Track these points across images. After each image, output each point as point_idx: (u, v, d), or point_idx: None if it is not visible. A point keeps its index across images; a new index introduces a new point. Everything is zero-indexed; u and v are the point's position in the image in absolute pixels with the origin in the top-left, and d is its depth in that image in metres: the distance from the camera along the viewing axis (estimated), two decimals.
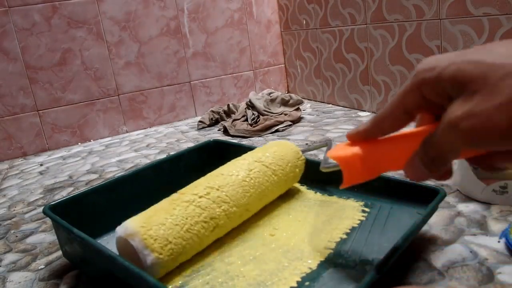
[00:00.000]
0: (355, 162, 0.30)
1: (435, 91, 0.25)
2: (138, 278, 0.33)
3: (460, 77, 0.23)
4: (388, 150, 0.30)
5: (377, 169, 0.31)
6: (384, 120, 0.28)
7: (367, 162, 0.30)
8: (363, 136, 0.30)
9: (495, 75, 0.21)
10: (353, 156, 0.30)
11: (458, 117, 0.22)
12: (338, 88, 1.12)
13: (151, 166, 0.58)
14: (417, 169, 0.27)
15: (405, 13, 0.84)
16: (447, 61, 0.24)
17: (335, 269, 0.38)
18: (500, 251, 0.40)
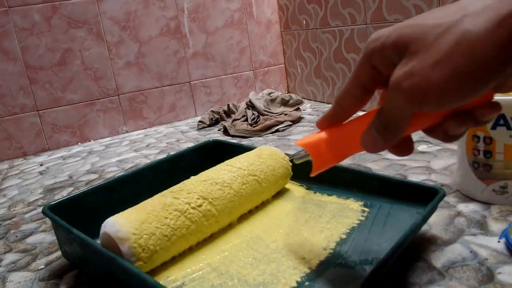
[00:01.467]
0: (321, 147, 0.31)
1: (382, 61, 0.25)
2: (137, 278, 0.33)
3: (400, 42, 0.24)
4: (351, 131, 0.30)
5: (343, 152, 0.31)
6: (344, 100, 0.29)
7: (332, 146, 0.30)
8: (329, 120, 0.31)
9: (430, 35, 0.22)
10: (318, 140, 0.31)
11: (399, 77, 0.23)
12: (338, 88, 1.12)
13: (151, 166, 0.58)
14: (372, 139, 0.27)
15: (405, 13, 0.84)
16: (390, 30, 0.25)
17: (334, 269, 0.38)
18: (500, 251, 0.40)
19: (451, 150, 0.66)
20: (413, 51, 0.23)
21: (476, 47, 0.20)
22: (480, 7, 0.21)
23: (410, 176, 0.60)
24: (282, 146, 0.83)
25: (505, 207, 0.47)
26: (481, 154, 0.48)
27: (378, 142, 0.27)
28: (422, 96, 0.23)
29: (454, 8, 0.22)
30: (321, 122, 0.31)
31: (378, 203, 0.48)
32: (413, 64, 0.23)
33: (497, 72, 0.21)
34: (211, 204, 0.44)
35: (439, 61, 0.21)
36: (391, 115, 0.25)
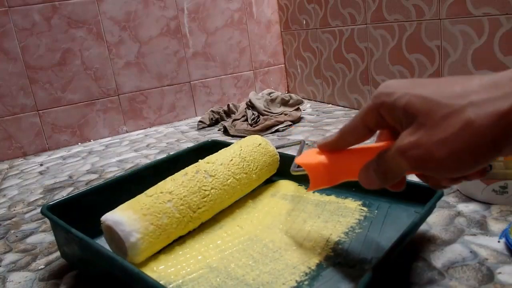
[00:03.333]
0: (319, 169, 0.34)
1: (391, 115, 0.28)
2: (137, 278, 0.33)
3: (410, 109, 0.26)
4: (349, 161, 0.33)
5: (338, 177, 0.34)
6: (348, 134, 0.32)
7: (330, 170, 0.34)
8: (330, 147, 0.34)
9: (438, 113, 0.25)
10: (318, 164, 0.34)
11: (405, 145, 0.26)
12: (338, 88, 1.12)
13: (150, 166, 0.58)
14: (370, 177, 0.30)
15: (405, 13, 0.84)
16: (403, 91, 0.27)
17: (334, 268, 0.38)
18: (500, 251, 0.40)
19: None
20: (420, 123, 0.25)
21: (476, 136, 0.23)
22: (483, 99, 0.23)
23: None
24: None
25: (505, 207, 0.47)
26: None
27: (375, 182, 0.30)
28: (423, 165, 0.26)
29: (460, 89, 0.25)
30: (322, 146, 0.34)
31: (376, 203, 0.48)
32: (419, 136, 0.25)
33: (491, 158, 0.24)
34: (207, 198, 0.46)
35: (443, 140, 0.24)
36: (391, 169, 0.28)
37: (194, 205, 0.45)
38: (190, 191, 0.45)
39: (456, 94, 0.25)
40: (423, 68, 0.83)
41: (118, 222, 0.40)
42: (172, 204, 0.43)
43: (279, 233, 0.45)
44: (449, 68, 0.77)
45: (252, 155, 0.53)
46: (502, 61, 0.67)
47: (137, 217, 0.40)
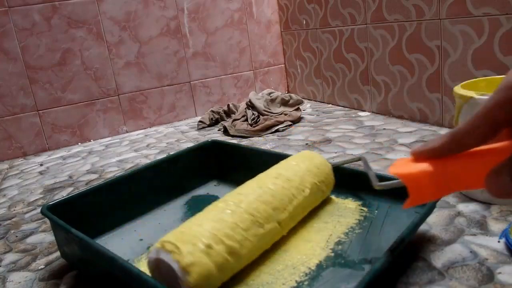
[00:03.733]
0: (423, 180, 0.27)
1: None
2: (137, 279, 0.33)
3: None
4: (464, 168, 0.27)
5: (448, 188, 0.28)
6: (468, 135, 0.26)
7: (437, 180, 0.27)
8: (436, 153, 0.27)
9: None
10: (421, 173, 0.27)
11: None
12: (338, 88, 1.12)
13: (150, 166, 0.58)
14: (503, 184, 0.24)
15: (405, 13, 0.84)
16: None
17: (334, 268, 0.38)
18: (500, 251, 0.40)
19: None
20: None
21: None
22: None
23: None
24: (282, 146, 0.83)
25: (505, 207, 0.47)
26: None
27: (510, 188, 0.24)
28: None
29: None
30: (421, 153, 0.28)
31: (376, 203, 0.48)
32: None
33: None
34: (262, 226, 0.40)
35: None
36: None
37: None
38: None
39: None
40: (423, 68, 0.83)
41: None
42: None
43: None
44: (449, 68, 0.77)
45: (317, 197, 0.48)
46: (502, 61, 0.67)
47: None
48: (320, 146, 0.80)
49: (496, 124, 0.25)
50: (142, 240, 0.49)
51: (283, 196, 0.42)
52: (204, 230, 0.35)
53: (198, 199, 0.58)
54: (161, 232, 0.50)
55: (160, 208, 0.56)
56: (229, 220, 0.37)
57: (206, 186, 0.62)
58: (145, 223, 0.53)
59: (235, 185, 0.60)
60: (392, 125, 0.87)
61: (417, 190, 0.28)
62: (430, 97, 0.83)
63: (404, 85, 0.89)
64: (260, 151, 0.62)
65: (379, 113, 0.98)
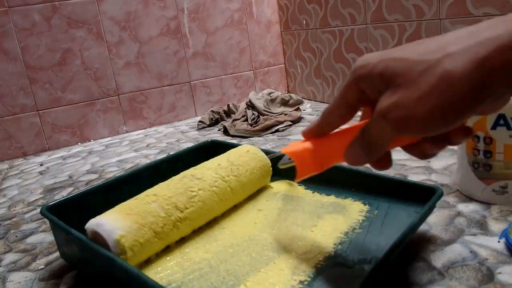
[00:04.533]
0: (305, 156, 0.33)
1: (369, 86, 0.28)
2: (137, 279, 0.33)
3: (386, 74, 0.26)
4: (335, 143, 0.32)
5: (326, 162, 0.33)
6: (330, 116, 0.31)
7: (317, 156, 0.33)
8: (315, 132, 0.33)
9: (414, 71, 0.24)
10: (304, 150, 0.33)
11: (385, 108, 0.26)
12: (338, 88, 1.12)
13: (149, 167, 0.58)
14: (356, 154, 0.30)
15: (405, 13, 0.84)
16: (377, 59, 0.27)
17: (333, 268, 0.38)
18: (500, 251, 0.40)
19: (451, 150, 0.66)
20: (398, 84, 0.25)
21: (454, 87, 0.23)
22: (459, 48, 0.23)
23: (410, 176, 0.60)
24: (282, 146, 0.83)
25: (505, 207, 0.47)
26: (481, 154, 0.48)
27: (361, 157, 0.29)
28: (405, 126, 0.25)
29: (435, 45, 0.24)
30: (306, 133, 0.33)
31: (376, 203, 0.48)
32: (398, 96, 0.25)
33: (472, 108, 0.23)
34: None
35: (422, 96, 0.24)
36: (375, 137, 0.28)
37: (181, 205, 0.44)
38: (175, 193, 0.45)
39: (432, 49, 0.24)
40: None
41: (99, 224, 0.39)
42: (157, 204, 0.43)
43: (279, 234, 0.45)
44: None
45: (241, 159, 0.53)
46: None
47: (119, 217, 0.40)
48: None
49: (349, 104, 0.30)
50: None
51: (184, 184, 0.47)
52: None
53: None
54: None
55: None
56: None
57: None
58: None
59: None
60: None
61: (302, 165, 0.33)
62: None
63: None
64: None
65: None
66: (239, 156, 0.53)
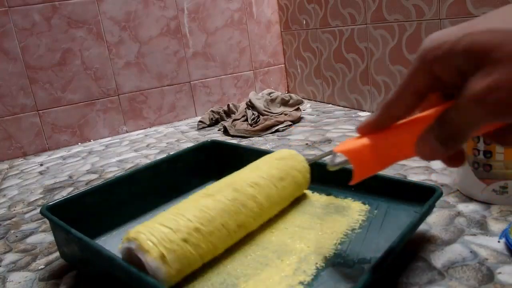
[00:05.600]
0: (364, 154, 0.28)
1: (447, 69, 0.23)
2: (137, 279, 0.33)
3: (477, 49, 0.22)
4: (399, 136, 0.28)
5: (389, 158, 0.29)
6: (393, 105, 0.27)
7: (377, 152, 0.28)
8: (373, 126, 0.29)
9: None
10: (361, 147, 0.28)
11: (483, 90, 0.21)
12: (338, 88, 1.12)
13: (149, 167, 0.58)
14: (432, 147, 0.25)
15: (405, 13, 0.84)
16: (458, 33, 0.22)
17: (333, 268, 0.38)
18: (500, 251, 0.40)
19: None
20: (495, 60, 0.21)
21: None
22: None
23: (410, 176, 0.60)
24: (282, 146, 0.83)
25: (505, 207, 0.47)
26: (481, 154, 0.48)
27: (439, 151, 0.25)
28: (508, 111, 0.21)
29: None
30: (362, 128, 0.29)
31: (376, 203, 0.48)
32: (497, 75, 0.21)
33: None
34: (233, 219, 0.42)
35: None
36: (462, 126, 0.24)
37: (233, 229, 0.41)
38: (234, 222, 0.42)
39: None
40: None
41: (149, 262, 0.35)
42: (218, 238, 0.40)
43: (278, 234, 0.45)
44: None
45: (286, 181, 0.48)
46: None
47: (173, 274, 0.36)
48: (320, 146, 0.80)
49: (417, 91, 0.26)
50: None
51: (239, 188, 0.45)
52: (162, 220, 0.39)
53: None
54: None
55: (160, 208, 0.56)
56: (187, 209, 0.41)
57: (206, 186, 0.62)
58: None
59: None
60: None
61: (360, 163, 0.29)
62: None
63: None
64: (260, 151, 0.62)
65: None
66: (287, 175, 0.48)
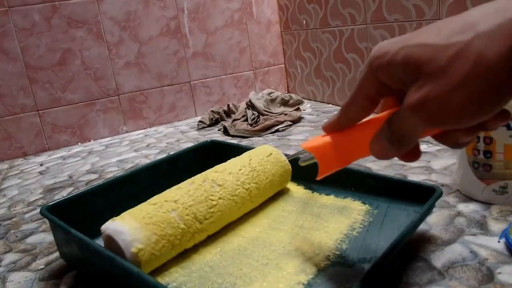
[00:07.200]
0: (327, 151, 0.31)
1: (390, 77, 0.25)
2: (137, 279, 0.33)
3: (411, 62, 0.23)
4: (357, 137, 0.31)
5: (349, 156, 0.32)
6: (349, 110, 0.29)
7: (338, 150, 0.31)
8: (335, 127, 0.31)
9: (443, 57, 0.22)
10: (324, 144, 0.31)
11: (415, 102, 0.23)
12: (338, 88, 1.12)
13: (149, 167, 0.58)
14: (383, 147, 0.27)
15: (405, 13, 0.84)
16: (397, 46, 0.24)
17: (333, 268, 0.38)
18: (500, 251, 0.40)
19: (451, 150, 0.66)
20: (427, 73, 0.22)
21: (491, 72, 0.20)
22: (490, 27, 0.20)
23: (410, 176, 0.60)
24: (282, 146, 0.83)
25: (505, 207, 0.47)
26: (481, 154, 0.48)
27: (390, 150, 0.27)
28: (440, 119, 0.23)
29: (461, 25, 0.22)
30: (326, 127, 0.32)
31: (376, 203, 0.48)
32: (429, 88, 0.22)
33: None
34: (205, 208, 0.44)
35: (456, 85, 0.21)
36: (405, 130, 0.25)
37: (201, 216, 0.42)
38: (196, 201, 0.43)
39: (458, 30, 0.22)
40: None
41: (118, 231, 0.38)
42: (177, 213, 0.41)
43: (278, 234, 0.45)
44: None
45: (263, 165, 0.51)
46: None
47: (138, 226, 0.38)
48: None
49: (367, 96, 0.28)
50: None
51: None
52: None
53: None
54: None
55: None
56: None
57: None
58: None
59: None
60: None
61: (324, 160, 0.32)
62: None
63: None
64: None
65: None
66: (261, 160, 0.51)
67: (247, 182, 0.48)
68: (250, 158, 0.51)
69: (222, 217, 0.45)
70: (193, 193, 0.44)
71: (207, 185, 0.45)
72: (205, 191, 0.44)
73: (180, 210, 0.41)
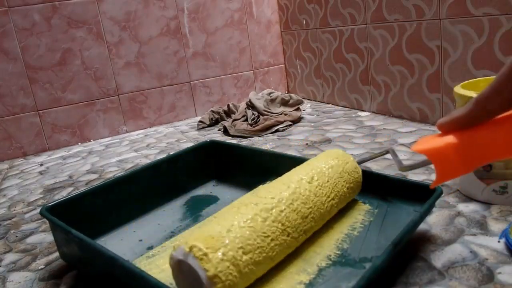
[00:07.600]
0: (449, 153, 0.26)
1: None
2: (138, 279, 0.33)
3: None
4: (493, 135, 0.25)
5: (478, 160, 0.26)
6: (492, 100, 0.24)
7: (464, 152, 0.25)
8: (462, 123, 0.25)
9: None
10: (446, 146, 0.26)
11: None
12: (338, 88, 1.12)
13: (148, 167, 0.58)
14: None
15: (405, 13, 0.84)
16: None
17: (334, 267, 0.38)
18: (500, 251, 0.40)
19: None
20: None
21: None
22: None
23: (410, 176, 0.60)
24: (282, 146, 0.83)
25: (505, 207, 0.47)
26: None
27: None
28: None
29: None
30: (445, 125, 0.26)
31: (376, 202, 0.48)
32: None
33: None
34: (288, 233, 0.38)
35: None
36: None
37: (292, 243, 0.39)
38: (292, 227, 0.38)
39: None
40: (423, 68, 0.83)
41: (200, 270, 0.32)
42: (278, 246, 0.36)
43: None
44: (449, 68, 0.77)
45: (341, 182, 0.45)
46: (502, 61, 0.67)
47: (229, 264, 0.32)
48: (320, 146, 0.80)
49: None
50: (141, 241, 0.49)
51: (313, 205, 0.41)
52: (234, 238, 0.34)
53: (197, 199, 0.58)
54: (161, 233, 0.50)
55: (159, 209, 0.56)
56: (258, 229, 0.36)
57: (206, 186, 0.62)
58: (145, 224, 0.53)
59: (234, 185, 0.60)
60: (392, 125, 0.87)
61: (444, 165, 0.26)
62: (430, 97, 0.83)
63: (404, 85, 0.89)
64: (260, 151, 0.62)
65: (379, 113, 0.98)
66: (339, 178, 0.45)
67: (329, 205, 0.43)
68: (329, 172, 0.45)
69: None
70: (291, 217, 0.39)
71: (299, 205, 0.40)
72: (299, 213, 0.39)
73: (280, 242, 0.37)
